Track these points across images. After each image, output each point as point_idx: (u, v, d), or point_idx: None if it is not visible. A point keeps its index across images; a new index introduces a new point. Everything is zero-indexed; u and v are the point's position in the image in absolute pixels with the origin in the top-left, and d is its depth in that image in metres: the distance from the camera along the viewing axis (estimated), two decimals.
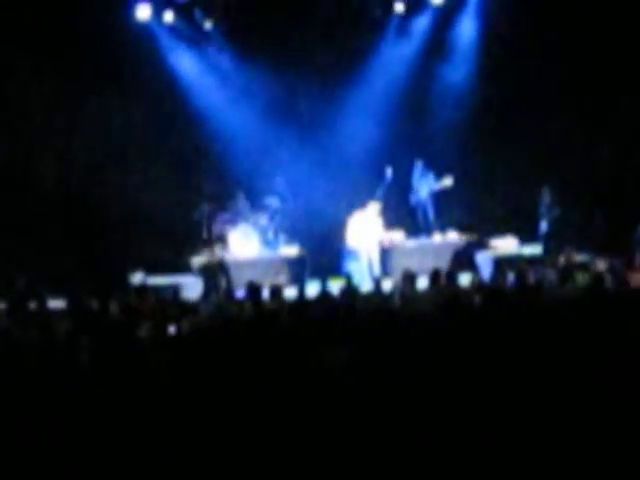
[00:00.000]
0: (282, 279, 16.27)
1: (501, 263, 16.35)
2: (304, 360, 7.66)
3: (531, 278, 12.65)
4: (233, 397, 6.89)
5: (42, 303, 12.88)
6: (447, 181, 17.77)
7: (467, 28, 19.29)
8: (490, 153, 18.60)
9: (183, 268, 17.41)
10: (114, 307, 12.00)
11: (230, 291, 14.01)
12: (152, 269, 17.28)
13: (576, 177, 17.94)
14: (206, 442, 6.36)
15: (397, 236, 17.26)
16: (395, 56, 19.38)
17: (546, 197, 17.18)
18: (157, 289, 15.45)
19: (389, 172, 17.71)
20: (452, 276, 13.11)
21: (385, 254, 17.29)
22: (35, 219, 17.80)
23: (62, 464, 6.28)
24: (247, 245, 17.94)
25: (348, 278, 13.82)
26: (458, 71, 19.18)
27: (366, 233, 16.97)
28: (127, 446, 6.39)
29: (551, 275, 12.89)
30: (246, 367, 7.50)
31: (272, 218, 18.13)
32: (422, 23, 19.39)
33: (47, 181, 18.07)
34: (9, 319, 11.82)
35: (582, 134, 18.19)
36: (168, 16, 18.77)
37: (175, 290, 13.94)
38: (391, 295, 12.96)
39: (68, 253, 17.49)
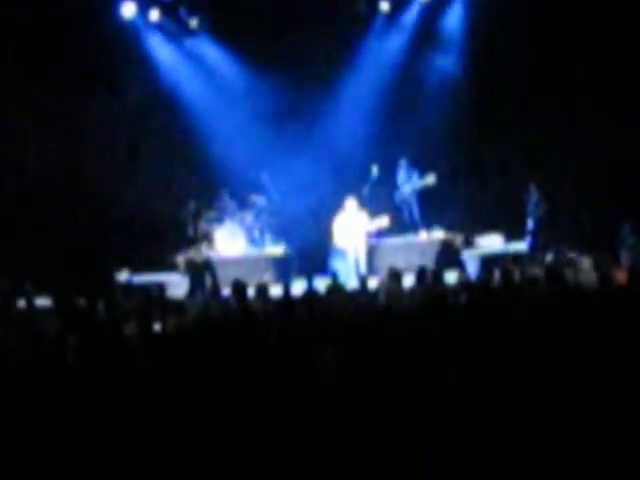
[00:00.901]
0: (268, 278, 16.26)
1: (487, 261, 16.36)
2: (289, 358, 7.66)
3: (517, 276, 12.67)
4: (219, 396, 6.89)
5: (29, 302, 12.86)
6: (429, 179, 17.77)
7: (454, 23, 19.28)
8: (476, 151, 18.63)
9: (169, 266, 17.40)
10: (101, 306, 12.00)
11: (216, 289, 13.98)
12: (138, 267, 17.27)
13: (563, 174, 17.97)
14: (193, 440, 6.36)
15: (383, 222, 17.17)
16: (380, 55, 19.38)
17: (533, 194, 17.18)
18: (143, 287, 15.44)
19: (375, 170, 17.72)
20: (438, 274, 13.12)
21: (371, 252, 17.28)
22: (21, 218, 17.78)
23: (48, 463, 6.28)
24: (233, 243, 17.94)
25: (334, 276, 13.82)
26: (444, 67, 19.18)
27: (352, 230, 16.94)
28: (114, 445, 6.39)
29: (537, 273, 12.90)
30: (231, 366, 7.51)
31: (258, 216, 18.13)
32: (408, 20, 19.39)
33: (32, 180, 18.03)
34: None
35: (570, 130, 18.18)
36: (154, 14, 18.81)
37: (161, 288, 13.93)
38: (377, 293, 12.97)
39: (54, 252, 17.46)
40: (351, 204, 17.02)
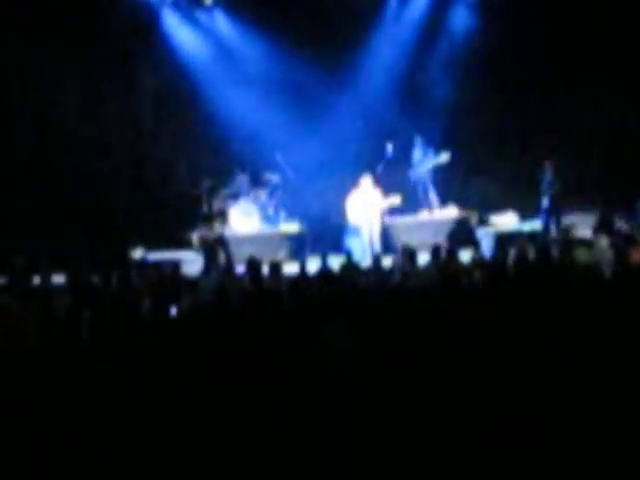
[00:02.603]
0: (282, 255, 16.27)
1: (502, 239, 16.31)
2: (302, 336, 7.65)
3: (531, 254, 12.61)
4: (233, 374, 6.89)
5: (44, 279, 12.87)
6: (444, 157, 17.74)
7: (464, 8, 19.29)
8: (491, 130, 18.56)
9: (183, 244, 17.42)
10: (115, 283, 12.01)
11: (230, 267, 13.97)
12: (152, 244, 17.29)
13: (580, 151, 17.91)
14: (204, 419, 6.36)
15: (395, 200, 17.07)
16: (395, 34, 19.33)
17: (548, 173, 17.09)
18: (157, 264, 15.45)
19: (389, 148, 17.66)
20: (453, 252, 13.08)
21: (385, 231, 17.23)
22: (37, 195, 17.82)
23: (60, 440, 6.29)
24: (247, 221, 17.94)
25: (348, 254, 13.79)
26: (456, 46, 19.12)
27: (366, 208, 16.88)
28: (126, 422, 6.40)
29: (552, 251, 12.84)
30: (246, 344, 7.50)
31: (272, 194, 18.13)
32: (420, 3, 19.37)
33: (48, 158, 18.05)
34: (8, 295, 11.82)
35: (586, 108, 18.10)
36: None
37: (175, 266, 13.92)
38: (391, 271, 12.94)
39: (69, 229, 17.50)
40: (366, 182, 16.94)
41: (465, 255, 14.00)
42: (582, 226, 15.37)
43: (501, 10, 18.37)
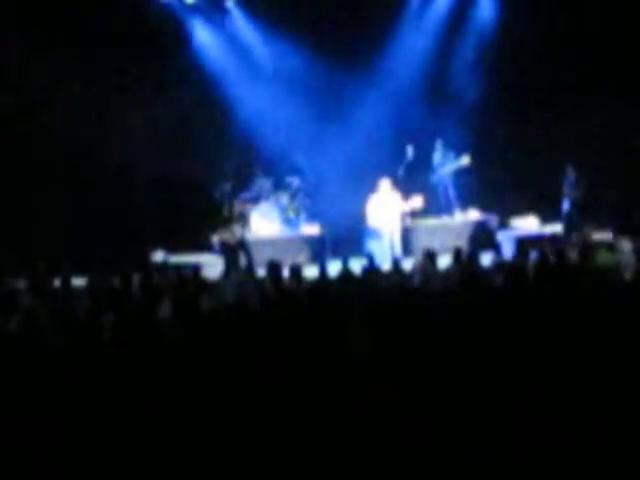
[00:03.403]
0: (302, 258, 16.27)
1: (523, 242, 16.26)
2: (324, 339, 7.65)
3: (552, 258, 12.58)
4: (252, 376, 6.90)
5: (66, 282, 12.91)
6: (465, 160, 17.71)
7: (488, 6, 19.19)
8: (513, 132, 18.48)
9: (204, 247, 17.45)
10: (136, 286, 12.04)
11: (250, 270, 13.98)
12: (173, 247, 17.32)
13: (600, 156, 17.80)
14: (223, 420, 6.37)
15: (417, 202, 17.05)
16: (417, 34, 19.26)
17: (570, 176, 17.04)
18: (178, 267, 15.49)
19: (410, 151, 17.63)
20: (474, 255, 13.06)
21: (406, 234, 17.22)
22: (57, 198, 17.88)
23: (80, 441, 6.31)
24: (268, 224, 17.96)
25: (369, 257, 13.77)
26: (480, 46, 19.03)
27: (387, 212, 16.87)
28: (148, 422, 6.41)
29: (572, 254, 12.80)
30: (266, 346, 7.51)
31: (293, 197, 18.15)
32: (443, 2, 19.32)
33: (70, 162, 18.10)
34: (31, 297, 11.86)
35: (609, 112, 17.99)
36: None
37: (196, 268, 13.94)
38: (412, 274, 12.92)
39: (90, 232, 17.55)
40: (385, 185, 16.95)
41: (486, 258, 13.98)
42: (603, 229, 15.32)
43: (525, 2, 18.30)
